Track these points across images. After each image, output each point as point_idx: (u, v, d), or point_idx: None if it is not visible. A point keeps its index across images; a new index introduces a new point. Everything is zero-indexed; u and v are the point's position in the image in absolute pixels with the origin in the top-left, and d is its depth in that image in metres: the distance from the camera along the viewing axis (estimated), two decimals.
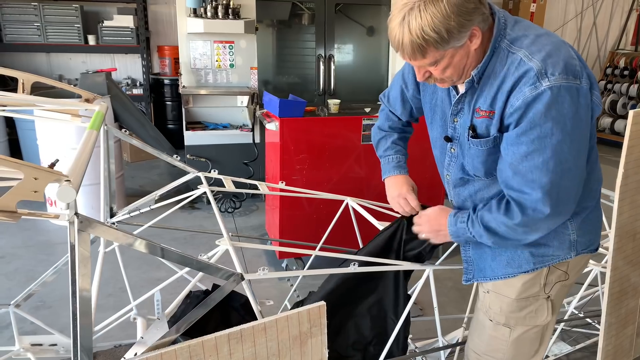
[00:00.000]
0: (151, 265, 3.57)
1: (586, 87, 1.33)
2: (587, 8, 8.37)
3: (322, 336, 1.40)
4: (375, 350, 1.89)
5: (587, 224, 1.57)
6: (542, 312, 1.61)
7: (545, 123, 1.30)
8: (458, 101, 1.52)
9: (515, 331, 1.63)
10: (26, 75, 2.14)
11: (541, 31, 1.39)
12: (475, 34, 1.33)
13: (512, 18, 1.43)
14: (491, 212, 1.48)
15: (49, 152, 4.34)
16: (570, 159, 1.34)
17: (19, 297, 2.25)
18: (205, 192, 2.07)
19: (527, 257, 1.56)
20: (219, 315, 1.82)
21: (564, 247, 1.55)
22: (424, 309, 3.14)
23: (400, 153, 1.92)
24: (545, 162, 1.33)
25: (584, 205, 1.53)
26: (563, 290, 1.64)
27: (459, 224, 1.57)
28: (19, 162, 0.97)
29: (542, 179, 1.34)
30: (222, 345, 1.24)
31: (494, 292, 1.65)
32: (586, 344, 2.67)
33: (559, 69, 1.29)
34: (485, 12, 1.34)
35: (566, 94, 1.29)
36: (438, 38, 1.28)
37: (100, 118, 1.78)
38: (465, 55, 1.37)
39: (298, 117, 3.34)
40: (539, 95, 1.29)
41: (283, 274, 1.61)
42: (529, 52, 1.33)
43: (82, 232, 1.08)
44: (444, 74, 1.40)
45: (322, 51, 5.28)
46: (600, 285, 2.53)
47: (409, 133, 1.98)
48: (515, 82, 1.34)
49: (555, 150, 1.31)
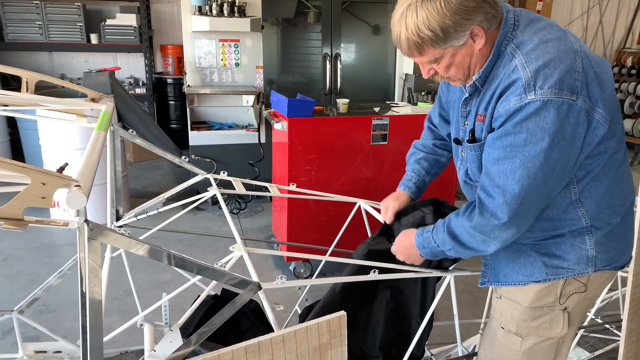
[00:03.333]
0: (156, 268, 3.51)
1: (581, 105, 1.25)
2: (593, 6, 8.30)
3: (342, 347, 1.33)
4: (396, 352, 1.83)
5: (610, 240, 1.48)
6: (557, 323, 1.54)
7: (520, 133, 1.27)
8: (465, 103, 1.50)
9: (528, 341, 1.57)
10: (30, 74, 2.08)
11: (550, 35, 1.31)
12: (478, 33, 1.29)
13: (527, 18, 1.36)
14: (458, 215, 1.47)
15: (52, 152, 4.27)
16: (541, 175, 1.29)
17: (23, 303, 2.19)
18: (215, 194, 2.01)
19: (540, 267, 1.50)
20: (229, 320, 1.76)
21: (581, 262, 1.47)
22: (437, 313, 3.06)
23: (416, 172, 1.89)
24: (513, 171, 1.30)
25: (608, 221, 1.45)
26: (582, 303, 1.56)
27: (425, 234, 1.57)
28: (26, 167, 0.91)
29: (507, 186, 1.31)
30: (239, 358, 1.17)
31: (506, 298, 1.59)
32: (605, 350, 2.60)
33: (550, 82, 1.23)
34: (490, 11, 1.28)
35: (551, 109, 1.23)
36: (433, 36, 1.27)
37: (108, 118, 1.71)
38: (468, 55, 1.34)
39: (307, 117, 3.28)
40: (522, 107, 1.25)
41: (301, 283, 1.55)
42: (525, 59, 1.28)
43: (93, 240, 1.02)
44: (448, 72, 1.39)
45: (328, 50, 5.21)
46: (620, 289, 2.46)
47: (441, 156, 1.89)
48: (505, 88, 1.31)
49: (525, 162, 1.28)
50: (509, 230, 1.37)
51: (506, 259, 1.57)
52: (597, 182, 1.40)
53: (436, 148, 1.88)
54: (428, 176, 1.88)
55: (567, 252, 1.47)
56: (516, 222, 1.35)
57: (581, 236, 1.45)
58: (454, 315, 1.87)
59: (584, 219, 1.43)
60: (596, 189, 1.41)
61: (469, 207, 1.45)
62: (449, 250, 1.51)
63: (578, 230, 1.45)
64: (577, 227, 1.44)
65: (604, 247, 1.47)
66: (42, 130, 4.29)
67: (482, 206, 1.39)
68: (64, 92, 4.40)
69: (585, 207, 1.42)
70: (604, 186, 1.41)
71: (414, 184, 1.87)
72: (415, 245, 1.60)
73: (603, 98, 1.29)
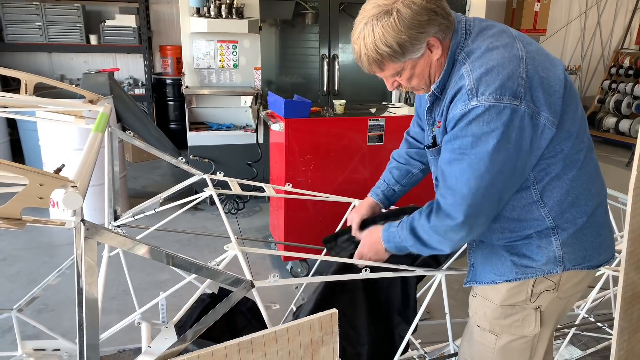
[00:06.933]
0: (154, 267, 3.53)
1: (524, 110, 1.28)
2: (591, 7, 8.33)
3: (333, 344, 1.36)
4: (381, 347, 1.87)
5: (579, 240, 1.50)
6: (529, 322, 1.56)
7: (465, 137, 1.31)
8: (430, 112, 1.55)
9: (501, 339, 1.60)
10: (29, 76, 2.10)
11: (497, 43, 1.35)
12: (434, 44, 1.35)
13: (479, 26, 1.41)
14: (420, 213, 1.51)
15: (51, 153, 4.30)
16: (488, 177, 1.32)
17: (22, 302, 2.22)
18: (211, 194, 2.04)
19: (510, 266, 1.53)
20: (225, 319, 1.79)
21: (549, 262, 1.50)
22: (431, 312, 3.10)
23: (386, 180, 1.93)
24: (461, 172, 1.34)
25: (574, 221, 1.48)
26: (557, 303, 1.58)
27: (391, 229, 1.61)
28: (23, 168, 0.94)
29: (458, 187, 1.36)
30: (233, 354, 1.20)
31: (480, 296, 1.63)
32: (597, 348, 2.63)
33: (491, 88, 1.27)
34: (443, 22, 1.33)
35: (494, 114, 1.27)
36: (391, 52, 1.32)
37: (105, 120, 1.74)
38: (427, 65, 1.39)
39: (303, 117, 3.31)
40: (466, 113, 1.30)
41: (293, 281, 1.57)
42: (471, 67, 1.33)
43: (89, 239, 1.05)
44: (411, 83, 1.44)
45: (326, 51, 5.24)
46: (612, 288, 2.49)
47: (414, 167, 1.90)
48: (453, 95, 1.36)
49: (471, 164, 1.32)
50: (461, 231, 1.40)
51: (482, 258, 1.61)
52: (558, 181, 1.43)
53: (409, 158, 1.90)
54: (398, 185, 1.90)
55: (535, 253, 1.50)
56: (469, 223, 1.38)
57: (547, 237, 1.48)
58: (445, 314, 1.90)
59: (547, 219, 1.46)
60: (557, 188, 1.43)
61: (429, 206, 1.49)
62: (410, 246, 1.55)
63: (543, 231, 1.47)
64: (542, 227, 1.47)
65: (572, 247, 1.49)
66: (42, 131, 4.32)
67: (438, 207, 1.44)
68: (63, 93, 4.42)
69: (548, 207, 1.45)
70: (566, 186, 1.44)
71: (382, 191, 1.91)
72: (381, 241, 1.64)
73: (549, 102, 1.32)
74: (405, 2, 1.28)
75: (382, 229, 1.64)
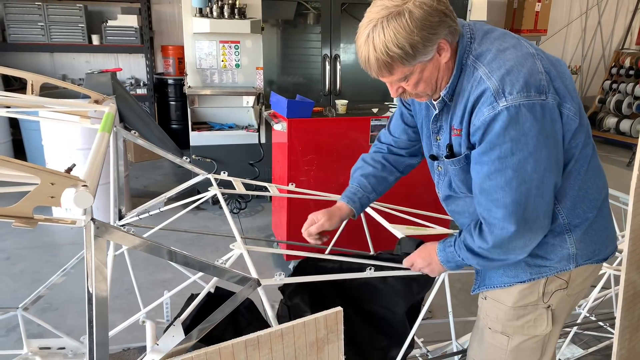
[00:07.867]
0: (158, 266, 3.55)
1: (552, 102, 1.29)
2: (592, 7, 8.34)
3: (339, 342, 1.37)
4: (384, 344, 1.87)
5: (590, 235, 1.52)
6: (541, 321, 1.57)
7: (504, 144, 1.29)
8: (435, 120, 1.52)
9: (514, 340, 1.60)
10: (35, 77, 2.12)
11: (506, 44, 1.35)
12: (444, 47, 1.33)
13: (481, 30, 1.41)
14: (470, 234, 1.48)
15: (54, 153, 4.31)
16: (536, 177, 1.32)
17: (27, 300, 2.23)
18: (215, 194, 2.05)
19: (524, 267, 1.54)
20: (227, 318, 1.80)
21: (562, 259, 1.51)
22: (433, 312, 3.11)
23: (362, 187, 1.82)
24: (508, 181, 1.32)
25: (585, 217, 1.49)
26: (567, 300, 1.59)
27: (448, 249, 1.57)
28: (35, 167, 0.95)
29: (506, 198, 1.33)
30: (239, 352, 1.22)
31: (491, 298, 1.63)
32: (599, 347, 2.64)
33: (517, 86, 1.27)
34: (452, 24, 1.32)
35: (527, 112, 1.26)
36: (403, 54, 1.27)
37: (111, 120, 1.76)
38: (435, 69, 1.36)
39: (306, 117, 3.32)
40: (496, 115, 1.28)
41: (297, 280, 1.59)
42: (488, 69, 1.32)
43: (99, 237, 1.06)
44: (417, 89, 1.40)
45: (328, 51, 5.25)
46: (613, 288, 2.51)
47: (390, 174, 1.84)
48: (475, 101, 1.33)
49: (517, 169, 1.30)
50: (523, 237, 1.39)
51: None
52: (571, 178, 1.43)
53: (387, 164, 1.84)
54: (373, 194, 1.83)
55: (549, 252, 1.50)
56: (528, 227, 1.37)
57: (561, 235, 1.48)
58: (448, 313, 1.91)
59: (560, 215, 1.46)
60: (570, 185, 1.44)
61: (476, 226, 1.46)
62: (476, 264, 1.53)
63: (557, 229, 1.48)
64: (555, 225, 1.47)
65: (584, 243, 1.51)
66: (45, 131, 4.33)
67: (488, 224, 1.41)
68: (65, 92, 4.44)
69: (562, 203, 1.45)
70: (578, 182, 1.44)
71: (359, 199, 1.81)
72: (438, 261, 1.61)
73: (570, 94, 1.35)
74: (416, 3, 1.25)
75: (438, 250, 1.60)
